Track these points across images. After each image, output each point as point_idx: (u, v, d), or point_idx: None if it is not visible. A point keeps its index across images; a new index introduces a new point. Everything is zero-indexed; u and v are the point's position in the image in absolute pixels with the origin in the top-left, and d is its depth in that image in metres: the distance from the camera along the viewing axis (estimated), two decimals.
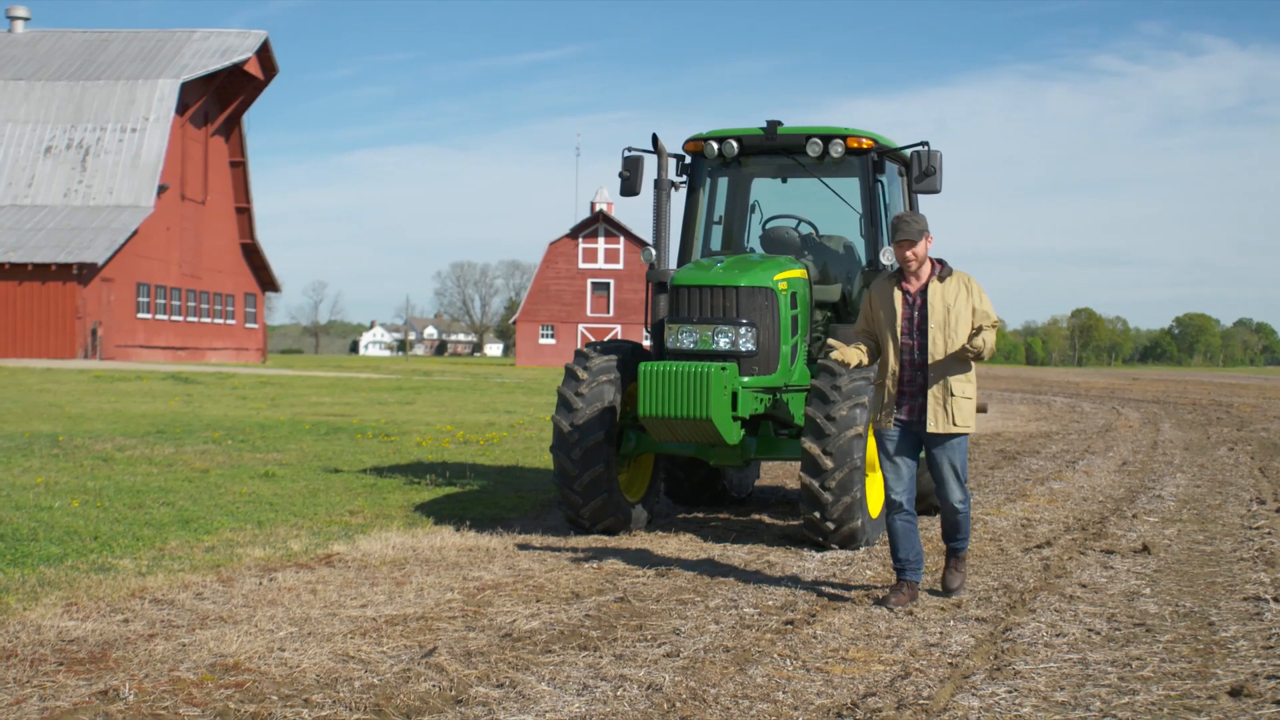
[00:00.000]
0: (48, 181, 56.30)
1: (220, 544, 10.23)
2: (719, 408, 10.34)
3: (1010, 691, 6.35)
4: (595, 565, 9.67)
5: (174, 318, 61.62)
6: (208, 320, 65.72)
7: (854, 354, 8.60)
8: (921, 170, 11.57)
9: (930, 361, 8.47)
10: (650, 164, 12.29)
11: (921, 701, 6.14)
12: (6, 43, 62.16)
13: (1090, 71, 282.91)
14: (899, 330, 8.56)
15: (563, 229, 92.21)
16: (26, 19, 63.96)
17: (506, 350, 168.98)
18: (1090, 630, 7.75)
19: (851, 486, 10.36)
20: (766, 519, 12.59)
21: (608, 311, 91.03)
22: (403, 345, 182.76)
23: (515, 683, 6.35)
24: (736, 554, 10.40)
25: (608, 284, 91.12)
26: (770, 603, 8.46)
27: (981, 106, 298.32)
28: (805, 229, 12.68)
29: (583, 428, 10.98)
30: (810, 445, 10.43)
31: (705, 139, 12.33)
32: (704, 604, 8.37)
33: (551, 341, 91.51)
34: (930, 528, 11.84)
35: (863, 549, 10.57)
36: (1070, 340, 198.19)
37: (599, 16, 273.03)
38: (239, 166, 68.17)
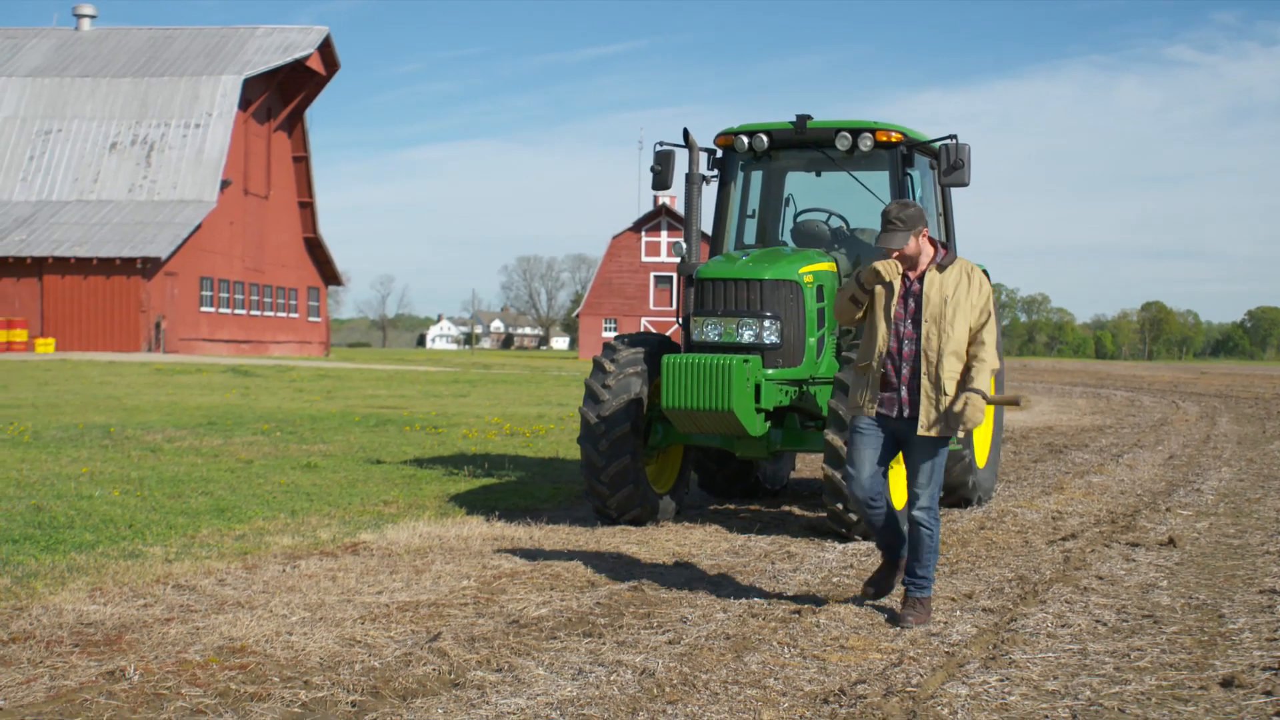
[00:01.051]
0: (113, 177, 57.13)
1: (251, 532, 10.43)
2: (741, 399, 10.44)
3: (1001, 680, 6.41)
4: (615, 555, 9.80)
5: (237, 311, 62.33)
6: (270, 314, 66.41)
7: (890, 268, 7.80)
8: (950, 163, 11.61)
9: (923, 356, 7.78)
10: (682, 158, 12.41)
11: (909, 689, 6.21)
12: (73, 40, 63.10)
13: (1161, 63, 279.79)
14: (894, 314, 7.86)
15: (626, 222, 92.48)
16: (93, 17, 64.92)
17: (572, 344, 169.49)
18: (1097, 621, 7.77)
19: None
20: (797, 510, 12.66)
21: (671, 304, 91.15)
22: (469, 339, 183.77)
23: (514, 667, 6.48)
24: (759, 545, 10.49)
25: (670, 277, 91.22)
26: (782, 592, 8.55)
27: (1050, 99, 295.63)
28: (836, 222, 12.74)
29: (609, 419, 11.10)
30: (832, 437, 10.49)
31: (735, 133, 12.42)
32: (716, 593, 8.46)
33: (614, 335, 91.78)
34: (958, 519, 11.88)
35: None
36: (1140, 334, 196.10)
37: (662, 11, 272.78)
38: (301, 161, 68.82)
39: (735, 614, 7.84)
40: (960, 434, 7.67)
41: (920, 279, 7.89)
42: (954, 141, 11.67)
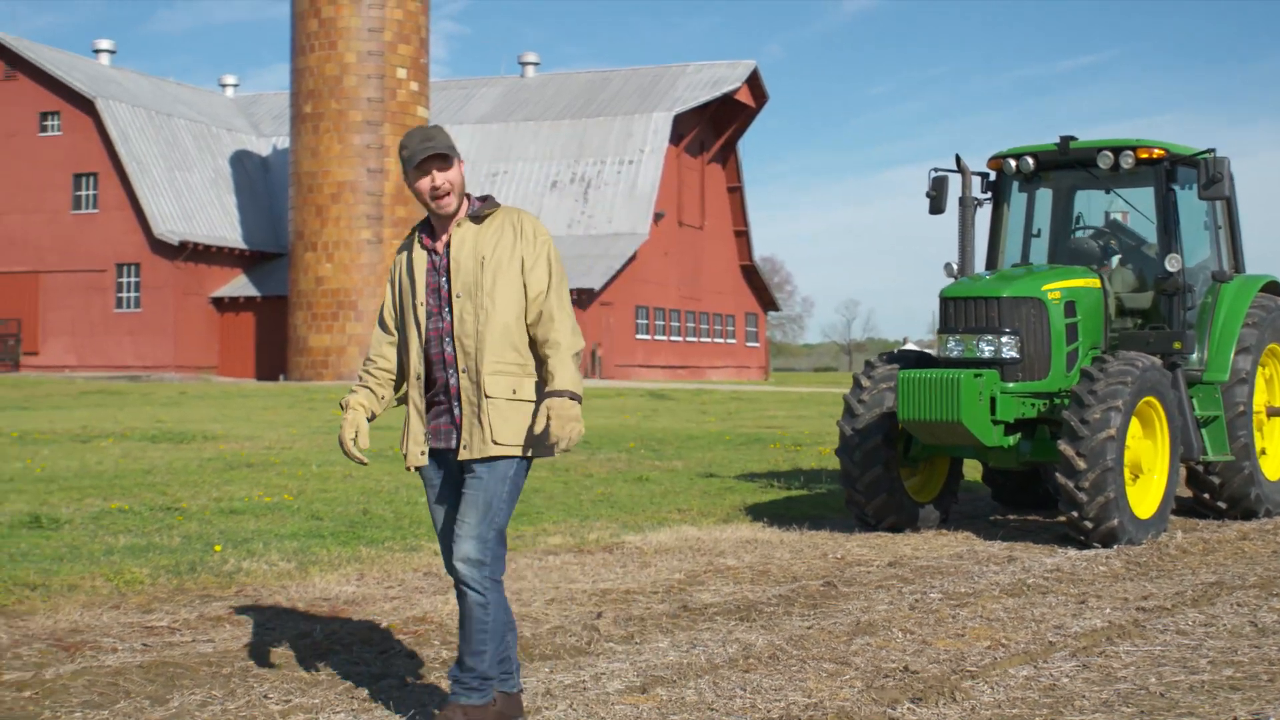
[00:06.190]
0: (554, 214, 60.94)
1: (531, 533, 11.68)
2: (971, 411, 10.97)
3: (1077, 666, 6.84)
4: (839, 557, 10.52)
5: (673, 339, 65.08)
6: (707, 340, 68.92)
7: (348, 426, 5.70)
8: (1208, 177, 11.76)
9: (458, 347, 5.63)
10: (956, 183, 13.04)
11: (973, 669, 6.76)
12: (518, 87, 67.75)
13: None
14: (420, 308, 5.71)
15: None
16: (537, 64, 69.51)
17: None
18: (1250, 623, 7.95)
19: (1105, 486, 10.73)
20: None
21: None
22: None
23: (645, 641, 7.42)
24: (990, 550, 10.96)
25: None
26: (963, 591, 9.07)
27: None
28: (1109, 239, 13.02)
29: (863, 432, 11.84)
30: (1065, 447, 10.87)
31: (1004, 156, 12.96)
32: (898, 590, 9.09)
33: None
34: (1219, 528, 11.89)
35: (1117, 548, 10.84)
36: None
37: (1143, 15, 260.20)
38: (735, 192, 71.23)
39: (897, 606, 8.47)
40: (558, 451, 5.58)
41: (448, 245, 5.73)
42: (1212, 155, 11.82)
